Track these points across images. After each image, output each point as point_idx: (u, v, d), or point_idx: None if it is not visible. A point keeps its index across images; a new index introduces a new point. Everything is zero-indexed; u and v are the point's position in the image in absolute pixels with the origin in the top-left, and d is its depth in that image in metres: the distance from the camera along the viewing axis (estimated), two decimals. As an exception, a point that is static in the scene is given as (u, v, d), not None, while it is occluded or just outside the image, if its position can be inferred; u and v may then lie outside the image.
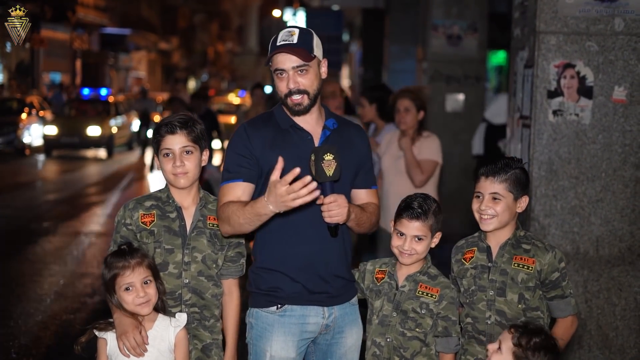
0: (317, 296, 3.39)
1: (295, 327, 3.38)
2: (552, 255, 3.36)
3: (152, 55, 44.86)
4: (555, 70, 5.00)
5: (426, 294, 3.39)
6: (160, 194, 3.47)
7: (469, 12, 10.40)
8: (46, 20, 26.37)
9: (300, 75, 3.31)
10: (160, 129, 3.39)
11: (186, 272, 3.39)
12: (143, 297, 3.21)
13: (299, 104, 3.32)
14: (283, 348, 3.37)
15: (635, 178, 5.00)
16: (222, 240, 3.46)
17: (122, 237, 3.41)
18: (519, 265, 3.36)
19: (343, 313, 3.47)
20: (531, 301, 3.35)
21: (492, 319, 3.37)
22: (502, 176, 3.37)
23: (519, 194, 3.39)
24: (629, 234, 5.01)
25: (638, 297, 5.04)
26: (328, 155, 3.09)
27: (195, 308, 3.42)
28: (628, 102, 4.99)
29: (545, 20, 4.99)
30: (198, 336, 3.45)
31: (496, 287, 3.37)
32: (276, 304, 3.38)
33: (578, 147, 5.01)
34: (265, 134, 3.38)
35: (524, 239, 3.42)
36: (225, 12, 66.78)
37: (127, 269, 3.21)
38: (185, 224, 3.42)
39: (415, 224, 3.38)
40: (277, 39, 3.36)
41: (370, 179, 3.56)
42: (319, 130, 3.42)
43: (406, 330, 3.38)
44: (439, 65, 10.47)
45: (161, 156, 3.39)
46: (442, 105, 10.57)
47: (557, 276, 3.36)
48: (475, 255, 3.46)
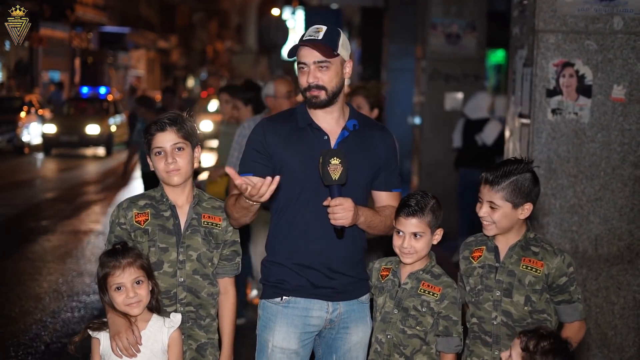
0: (322, 290, 3.42)
1: (298, 319, 3.42)
2: (560, 259, 3.32)
3: (151, 53, 44.84)
4: (554, 69, 5.00)
5: (428, 292, 3.38)
6: (154, 193, 3.47)
7: (468, 11, 10.40)
8: (45, 19, 26.35)
9: (321, 71, 3.36)
10: (150, 128, 3.40)
11: (181, 270, 3.39)
12: (133, 298, 3.20)
13: (316, 96, 3.37)
14: (285, 339, 3.41)
15: (634, 177, 5.01)
16: (218, 238, 3.46)
17: (116, 237, 3.41)
18: (527, 268, 3.32)
19: (349, 309, 3.48)
20: (537, 304, 3.32)
21: (498, 320, 3.35)
22: (499, 185, 3.29)
23: (519, 202, 3.30)
24: (628, 232, 5.01)
25: (637, 295, 5.05)
26: (335, 160, 3.19)
27: (191, 307, 3.42)
28: (627, 101, 4.99)
29: (544, 19, 4.99)
30: (193, 336, 3.45)
31: (503, 287, 3.34)
32: (281, 296, 3.43)
33: (577, 146, 5.01)
34: (282, 131, 3.44)
35: (533, 241, 3.38)
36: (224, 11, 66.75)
37: (118, 269, 3.20)
38: (179, 223, 3.42)
39: (412, 220, 3.37)
40: (304, 34, 3.41)
41: (392, 181, 3.56)
42: (338, 131, 3.45)
43: (406, 328, 3.38)
44: (438, 64, 10.48)
45: (153, 155, 3.39)
46: (441, 104, 10.58)
47: (565, 281, 3.31)
48: (483, 255, 3.43)
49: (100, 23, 34.77)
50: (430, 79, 10.54)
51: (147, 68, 44.20)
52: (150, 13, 44.69)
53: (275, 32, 25.39)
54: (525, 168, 3.31)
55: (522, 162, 3.34)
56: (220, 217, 3.46)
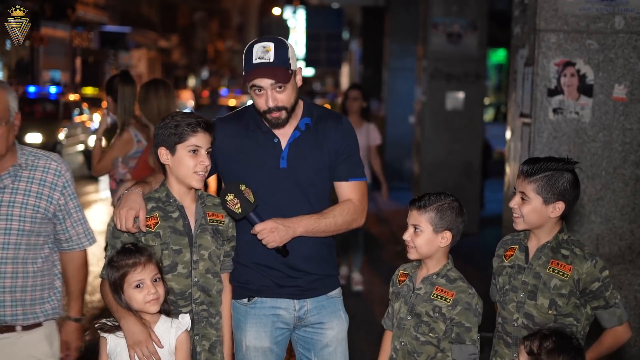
0: (287, 289, 3.45)
1: (267, 318, 3.46)
2: (591, 264, 3.19)
3: (152, 53, 44.85)
4: (556, 68, 5.00)
5: (440, 298, 3.28)
6: (159, 194, 3.42)
7: (469, 10, 10.40)
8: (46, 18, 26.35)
9: (279, 92, 3.32)
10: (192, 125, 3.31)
11: (195, 270, 3.38)
12: (154, 294, 3.19)
13: (277, 118, 3.36)
14: (256, 338, 3.46)
15: (636, 176, 5.01)
16: (223, 235, 3.47)
17: (122, 242, 3.37)
18: (554, 271, 3.22)
19: (318, 306, 3.49)
20: (564, 308, 3.22)
21: (520, 322, 3.27)
22: (533, 177, 3.21)
23: (551, 198, 3.19)
24: (629, 232, 5.01)
25: (638, 295, 5.04)
26: (228, 196, 3.28)
27: (204, 306, 3.42)
28: (628, 100, 4.99)
29: (545, 18, 4.99)
30: (206, 335, 3.43)
31: (527, 289, 3.27)
32: (247, 296, 3.48)
33: (578, 145, 5.01)
34: (232, 132, 3.45)
35: (565, 243, 3.26)
36: (225, 10, 66.82)
37: (139, 266, 3.18)
38: (189, 223, 3.40)
39: (413, 212, 3.32)
40: (252, 55, 3.33)
41: (349, 169, 3.49)
42: (290, 132, 3.43)
43: (420, 335, 3.29)
44: (439, 63, 10.47)
45: (185, 151, 3.33)
46: (442, 103, 10.57)
47: (599, 286, 3.19)
48: (515, 254, 3.36)
49: (101, 22, 34.77)
50: (432, 79, 10.54)
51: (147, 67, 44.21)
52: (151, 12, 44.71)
53: (276, 32, 25.42)
54: (564, 166, 3.22)
55: (564, 160, 3.25)
56: (222, 214, 3.46)
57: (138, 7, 41.82)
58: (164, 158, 3.34)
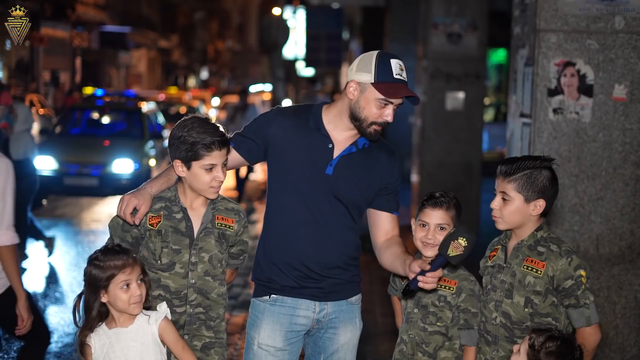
0: (309, 290, 3.44)
1: (285, 317, 3.44)
2: (566, 261, 3.21)
3: (152, 53, 44.83)
4: (556, 68, 5.00)
5: (444, 287, 3.39)
6: (169, 194, 3.45)
7: (469, 10, 10.40)
8: (46, 18, 26.33)
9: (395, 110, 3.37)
10: (206, 145, 3.29)
11: (192, 272, 3.39)
12: (138, 296, 3.22)
13: (379, 132, 3.40)
14: (270, 336, 3.44)
15: (636, 176, 5.01)
16: (229, 240, 3.47)
17: (133, 237, 3.41)
18: (528, 268, 3.25)
19: (338, 310, 3.49)
20: (540, 306, 3.24)
21: (498, 320, 3.31)
22: (512, 176, 3.25)
23: (531, 197, 3.23)
24: (629, 232, 5.01)
25: (638, 295, 5.04)
26: (463, 240, 3.11)
27: (200, 308, 3.42)
28: (628, 101, 4.99)
29: (545, 18, 4.99)
30: (198, 336, 3.45)
31: (505, 288, 3.31)
32: (269, 294, 3.46)
33: (578, 146, 5.01)
34: (289, 125, 3.45)
35: (543, 240, 3.29)
36: (225, 10, 66.80)
37: (128, 267, 3.21)
38: (191, 225, 3.41)
39: (439, 212, 3.41)
40: (392, 70, 3.33)
41: (396, 204, 3.54)
42: (347, 144, 3.44)
43: (427, 325, 3.40)
44: (439, 63, 10.47)
45: (200, 168, 3.33)
46: (442, 104, 10.57)
47: (571, 284, 3.21)
48: (497, 254, 3.40)
49: (101, 22, 34.76)
50: (432, 79, 10.54)
51: (148, 67, 44.20)
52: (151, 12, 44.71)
53: (276, 32, 25.42)
54: (542, 164, 3.26)
55: (541, 158, 3.29)
56: (233, 219, 3.46)
57: (138, 7, 41.81)
58: (179, 170, 3.36)
